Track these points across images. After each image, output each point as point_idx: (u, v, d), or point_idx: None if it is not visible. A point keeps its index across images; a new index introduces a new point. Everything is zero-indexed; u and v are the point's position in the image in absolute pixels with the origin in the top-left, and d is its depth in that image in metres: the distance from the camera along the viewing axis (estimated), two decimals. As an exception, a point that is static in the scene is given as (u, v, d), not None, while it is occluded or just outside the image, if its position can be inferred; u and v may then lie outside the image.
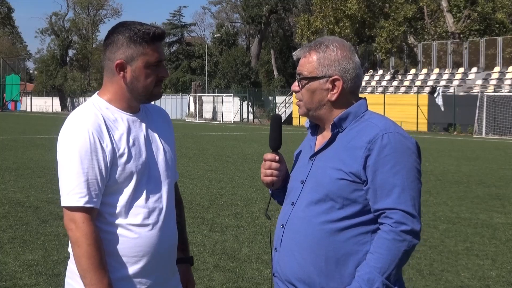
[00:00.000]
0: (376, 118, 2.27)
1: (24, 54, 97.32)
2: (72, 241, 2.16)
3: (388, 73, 46.90)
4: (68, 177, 2.17)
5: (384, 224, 2.14)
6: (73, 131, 2.19)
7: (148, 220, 2.25)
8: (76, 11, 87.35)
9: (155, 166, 2.30)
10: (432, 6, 46.26)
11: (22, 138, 25.19)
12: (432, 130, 37.50)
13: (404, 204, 2.12)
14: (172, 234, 2.35)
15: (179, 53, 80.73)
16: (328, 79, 2.26)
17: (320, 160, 2.28)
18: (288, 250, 2.26)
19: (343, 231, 2.17)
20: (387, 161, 2.14)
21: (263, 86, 60.18)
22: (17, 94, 75.59)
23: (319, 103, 2.29)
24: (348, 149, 2.20)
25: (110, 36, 2.27)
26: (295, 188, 2.32)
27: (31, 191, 10.80)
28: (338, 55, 2.27)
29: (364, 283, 2.10)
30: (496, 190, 12.09)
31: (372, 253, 2.13)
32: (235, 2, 75.64)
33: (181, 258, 2.52)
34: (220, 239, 7.49)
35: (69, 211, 2.16)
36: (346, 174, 2.17)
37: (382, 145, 2.15)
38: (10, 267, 6.09)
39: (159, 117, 2.43)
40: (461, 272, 6.23)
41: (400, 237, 2.11)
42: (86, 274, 2.13)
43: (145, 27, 2.24)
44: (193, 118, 54.36)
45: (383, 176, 2.13)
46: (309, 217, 2.22)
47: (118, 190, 2.22)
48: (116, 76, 2.26)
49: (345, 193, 2.17)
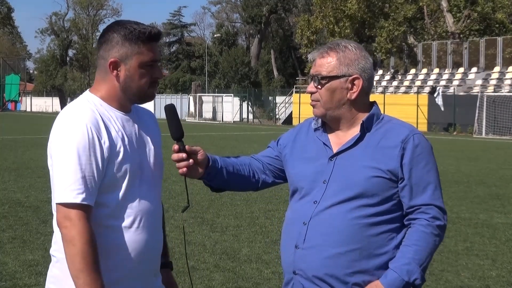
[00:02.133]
0: (396, 120, 2.39)
1: (24, 54, 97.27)
2: (66, 239, 2.06)
3: (388, 73, 46.88)
4: (64, 173, 2.08)
5: (420, 219, 2.25)
6: (71, 126, 2.12)
7: (139, 223, 2.20)
8: (76, 11, 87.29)
9: (148, 168, 2.26)
10: (432, 6, 46.22)
11: (22, 138, 25.19)
12: (432, 130, 37.48)
13: (438, 200, 2.29)
14: (160, 237, 2.33)
15: (179, 53, 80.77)
16: (348, 78, 2.30)
17: (346, 159, 2.30)
18: (317, 246, 2.26)
19: (376, 226, 2.24)
20: (421, 159, 2.26)
21: (263, 86, 60.14)
22: (17, 94, 75.55)
23: (338, 102, 2.31)
24: (380, 149, 2.27)
25: (105, 34, 2.22)
26: (315, 188, 2.32)
27: (31, 191, 10.80)
28: (357, 54, 2.31)
29: (404, 274, 2.18)
30: (496, 190, 12.09)
31: (409, 246, 2.22)
32: (235, 2, 75.62)
33: (163, 263, 2.45)
34: (220, 239, 7.49)
35: (64, 207, 2.07)
36: (383, 172, 2.24)
37: (415, 144, 2.26)
38: (10, 267, 6.09)
39: (149, 119, 2.38)
40: (461, 272, 6.23)
41: (436, 231, 2.25)
42: (80, 274, 2.02)
43: (141, 26, 2.20)
44: (193, 118, 54.35)
45: (418, 173, 2.25)
46: (342, 214, 2.25)
47: (112, 189, 2.16)
48: (109, 75, 2.21)
49: (381, 191, 2.25)
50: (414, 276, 2.18)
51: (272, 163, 2.56)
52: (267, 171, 2.56)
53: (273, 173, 2.56)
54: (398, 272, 2.18)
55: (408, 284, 2.18)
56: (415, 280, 2.18)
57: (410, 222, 2.27)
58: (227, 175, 2.46)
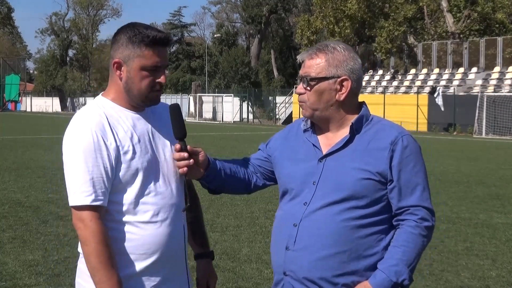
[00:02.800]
0: (386, 121, 2.39)
1: (24, 54, 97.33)
2: (81, 240, 2.18)
3: (388, 73, 46.89)
4: (73, 177, 2.18)
5: (408, 220, 2.26)
6: (76, 131, 2.21)
7: (157, 217, 2.26)
8: (76, 11, 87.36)
9: (163, 163, 2.31)
10: (432, 6, 46.23)
11: (22, 138, 25.19)
12: (432, 130, 37.49)
13: (426, 201, 2.29)
14: (181, 230, 2.35)
15: (179, 53, 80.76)
16: (337, 80, 2.30)
17: (336, 161, 2.31)
18: (308, 247, 2.28)
19: (365, 228, 2.26)
20: (409, 161, 2.27)
21: (263, 86, 60.17)
22: (17, 94, 75.57)
23: (327, 103, 2.32)
24: (370, 150, 2.28)
25: (116, 35, 2.29)
26: (305, 189, 2.33)
27: (31, 191, 10.81)
28: (346, 55, 2.32)
29: (392, 275, 2.20)
30: (496, 190, 12.09)
31: (397, 247, 2.23)
32: (235, 2, 75.65)
33: (201, 253, 2.55)
34: (220, 239, 7.49)
35: (77, 210, 2.17)
36: (373, 174, 2.25)
37: (403, 146, 2.27)
38: (10, 267, 6.09)
39: (164, 112, 2.39)
40: (461, 272, 6.23)
41: (424, 232, 2.26)
42: (96, 272, 2.14)
43: (148, 30, 2.22)
44: (193, 118, 54.37)
45: (407, 175, 2.26)
46: (332, 215, 2.26)
47: (125, 188, 2.22)
48: (114, 75, 2.28)
49: (370, 193, 2.26)
50: (403, 276, 2.20)
51: (263, 165, 2.58)
52: (258, 173, 2.59)
53: (264, 175, 2.59)
54: (387, 273, 2.20)
55: (397, 285, 2.21)
56: (403, 281, 2.20)
57: (399, 223, 2.29)
58: (225, 177, 2.49)
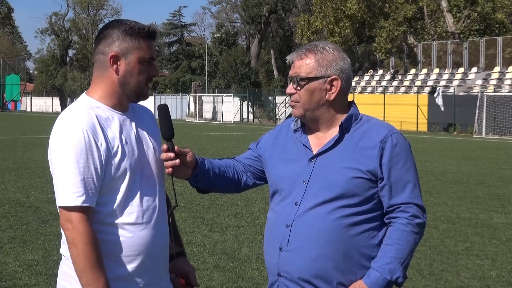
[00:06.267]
0: (375, 119, 2.40)
1: (24, 54, 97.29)
2: (68, 241, 2.15)
3: (388, 73, 46.89)
4: (64, 176, 2.14)
5: (400, 217, 2.28)
6: (67, 130, 2.17)
7: (142, 219, 2.25)
8: (76, 11, 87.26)
9: (147, 165, 2.31)
10: (432, 6, 46.23)
11: (22, 138, 25.19)
12: (432, 130, 37.49)
13: (417, 199, 2.30)
14: (165, 232, 2.36)
15: (179, 53, 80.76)
16: (326, 79, 2.32)
17: (326, 160, 2.32)
18: (301, 248, 2.28)
19: (357, 225, 2.27)
20: (399, 159, 2.28)
21: (263, 86, 60.16)
22: (17, 94, 75.56)
23: (317, 103, 2.34)
24: (360, 149, 2.29)
25: (104, 31, 2.27)
26: (295, 189, 2.34)
27: (31, 191, 10.81)
28: (335, 55, 2.34)
29: (386, 273, 2.21)
30: (496, 190, 12.09)
31: (390, 245, 2.25)
32: (235, 2, 75.62)
33: (181, 251, 2.55)
34: (220, 239, 7.49)
35: (65, 211, 2.14)
36: (363, 172, 2.26)
37: (393, 144, 2.28)
38: (10, 267, 6.09)
39: (146, 115, 2.43)
40: (461, 272, 6.23)
41: (416, 229, 2.28)
42: (83, 274, 2.12)
43: (139, 24, 2.28)
44: (193, 118, 54.36)
45: (397, 173, 2.27)
46: (324, 215, 2.27)
47: (113, 189, 2.21)
48: (108, 70, 2.25)
49: (361, 191, 2.27)
50: (396, 274, 2.22)
51: (253, 165, 2.59)
52: (248, 172, 2.60)
53: (254, 174, 2.60)
54: (381, 272, 2.21)
55: (391, 283, 2.22)
56: (397, 279, 2.22)
57: (391, 220, 2.30)
58: (213, 177, 2.50)
